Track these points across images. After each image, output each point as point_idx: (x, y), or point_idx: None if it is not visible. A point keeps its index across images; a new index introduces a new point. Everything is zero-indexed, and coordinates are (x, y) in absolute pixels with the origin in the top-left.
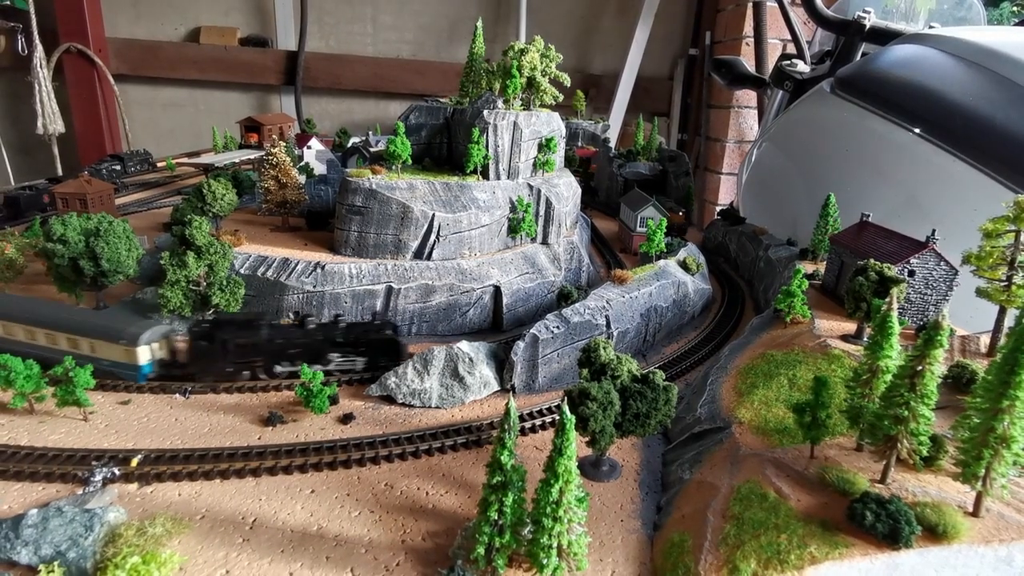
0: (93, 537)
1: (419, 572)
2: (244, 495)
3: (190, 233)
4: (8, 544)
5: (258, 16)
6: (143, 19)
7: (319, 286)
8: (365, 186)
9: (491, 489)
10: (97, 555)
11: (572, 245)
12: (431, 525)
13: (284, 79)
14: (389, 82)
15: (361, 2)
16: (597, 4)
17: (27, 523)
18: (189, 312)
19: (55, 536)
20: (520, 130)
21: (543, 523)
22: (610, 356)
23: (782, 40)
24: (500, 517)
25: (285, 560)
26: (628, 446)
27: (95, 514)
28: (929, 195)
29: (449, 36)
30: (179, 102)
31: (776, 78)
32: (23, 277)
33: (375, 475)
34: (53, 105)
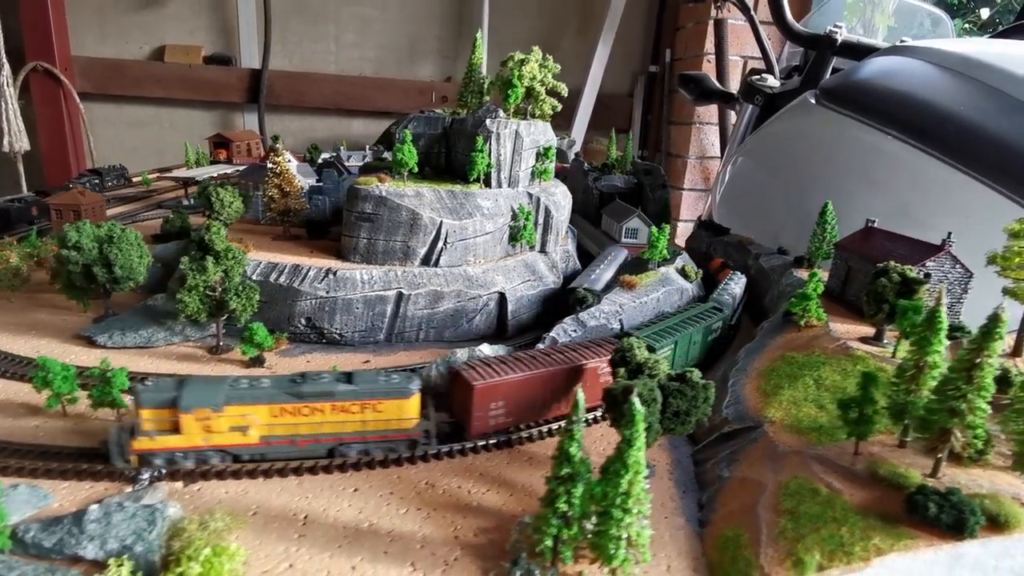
0: (157, 531)
1: (478, 567)
2: (290, 493)
3: (209, 238)
4: (73, 540)
5: (222, 35)
6: (109, 38)
7: (332, 292)
8: (375, 193)
9: (558, 481)
10: (162, 548)
11: (568, 253)
12: (480, 522)
13: (248, 97)
14: (351, 99)
15: (324, 20)
16: (557, 23)
17: (90, 518)
18: (205, 318)
19: (119, 530)
20: (521, 139)
21: (613, 515)
22: (645, 355)
23: (743, 57)
24: (569, 509)
25: (344, 555)
26: (656, 447)
27: (156, 509)
28: (921, 203)
29: (410, 54)
30: (143, 120)
31: (746, 93)
32: (26, 286)
33: (414, 474)
34: (19, 123)
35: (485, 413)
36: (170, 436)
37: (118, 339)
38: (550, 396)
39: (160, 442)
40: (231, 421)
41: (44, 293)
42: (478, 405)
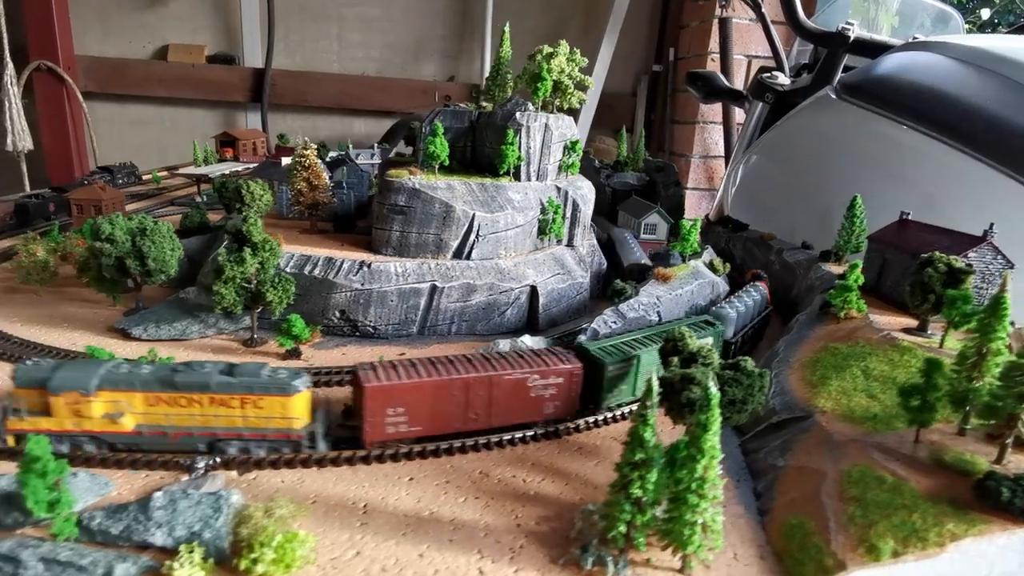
0: (223, 518)
1: (545, 554)
2: (346, 482)
3: (247, 229)
4: (141, 527)
5: (225, 34)
6: (111, 37)
7: (367, 284)
8: (408, 186)
9: (632, 467)
10: (230, 535)
11: (593, 247)
12: (540, 510)
13: (251, 96)
14: (354, 99)
15: (327, 20)
16: (560, 23)
17: (155, 506)
18: (240, 310)
19: (186, 518)
20: (551, 132)
21: (688, 500)
22: (697, 344)
23: (747, 56)
24: (643, 494)
25: (410, 542)
26: None
27: (220, 496)
28: (946, 196)
29: (413, 54)
30: (146, 119)
31: (756, 91)
32: (53, 281)
33: (467, 463)
34: (23, 122)
35: (381, 419)
36: (41, 418)
37: (153, 332)
38: (469, 407)
39: (31, 423)
40: (104, 407)
41: (71, 287)
42: (371, 409)
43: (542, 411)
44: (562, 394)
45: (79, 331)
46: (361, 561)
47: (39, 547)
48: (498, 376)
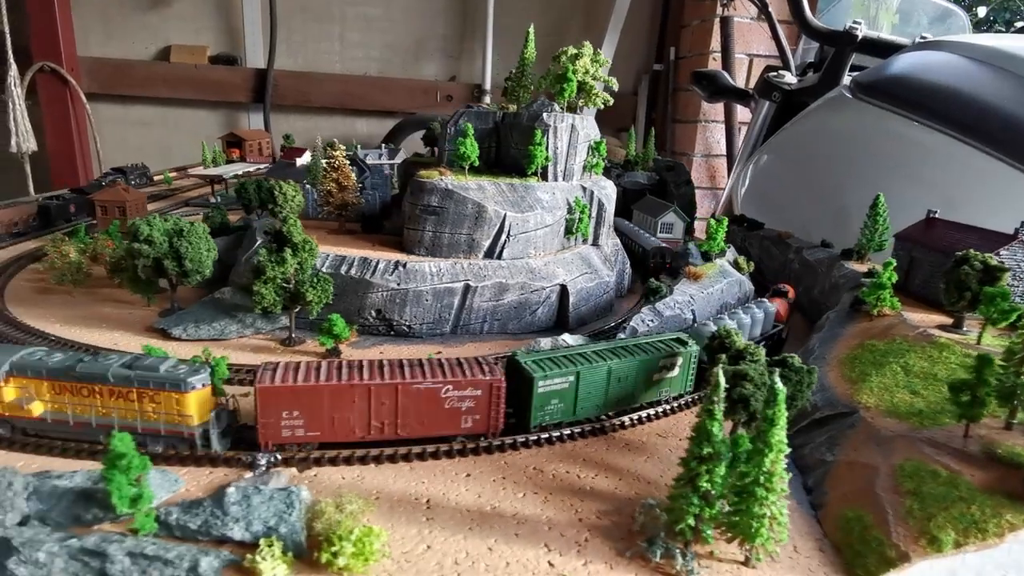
0: (296, 513)
1: (610, 547)
2: (406, 478)
3: (287, 230)
4: (219, 521)
5: (228, 34)
6: (114, 38)
7: (403, 284)
8: (441, 186)
9: (699, 461)
10: (304, 530)
11: (617, 247)
12: (598, 505)
13: (253, 97)
14: (356, 99)
15: (329, 20)
16: (561, 22)
17: (230, 501)
18: (279, 310)
19: (261, 513)
20: (577, 132)
21: (756, 493)
22: (744, 342)
23: (748, 55)
24: (711, 488)
25: (478, 536)
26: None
27: (292, 492)
28: (964, 195)
29: (415, 54)
30: (149, 120)
31: (763, 89)
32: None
33: (520, 460)
34: (27, 124)
35: (275, 421)
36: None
37: (192, 331)
38: (374, 415)
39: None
40: (15, 392)
41: (103, 288)
42: (263, 410)
43: (459, 425)
44: (481, 408)
45: (118, 331)
46: (433, 555)
47: (123, 542)
48: (406, 385)
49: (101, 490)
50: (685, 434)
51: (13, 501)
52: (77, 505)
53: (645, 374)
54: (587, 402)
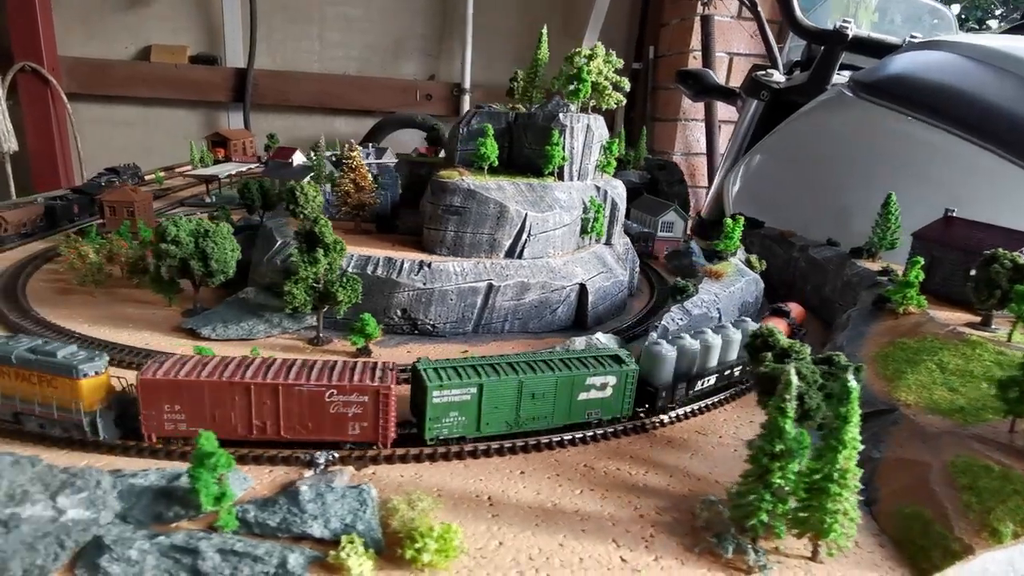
0: (370, 511)
1: (677, 542)
2: (463, 476)
3: (319, 230)
4: (297, 519)
5: (207, 34)
6: (94, 38)
7: (428, 283)
8: (464, 187)
9: (771, 458)
10: (379, 527)
11: (627, 246)
12: (655, 501)
13: (233, 96)
14: (335, 98)
15: (308, 20)
16: (539, 21)
17: (305, 499)
18: (309, 310)
19: (336, 510)
20: (592, 132)
21: (830, 490)
22: (786, 340)
23: (729, 53)
24: (785, 484)
25: (546, 532)
26: None
27: (363, 490)
28: (970, 194)
29: (394, 53)
30: (129, 120)
31: (751, 88)
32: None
33: (569, 457)
34: (8, 124)
35: (158, 413)
36: None
37: (221, 331)
38: (255, 414)
39: None
40: None
41: (120, 288)
42: (146, 402)
43: (346, 431)
44: (368, 415)
45: (146, 331)
46: (507, 551)
47: (211, 539)
48: (288, 386)
49: (179, 488)
50: (724, 431)
51: (105, 499)
52: (157, 503)
53: (567, 392)
54: (493, 417)
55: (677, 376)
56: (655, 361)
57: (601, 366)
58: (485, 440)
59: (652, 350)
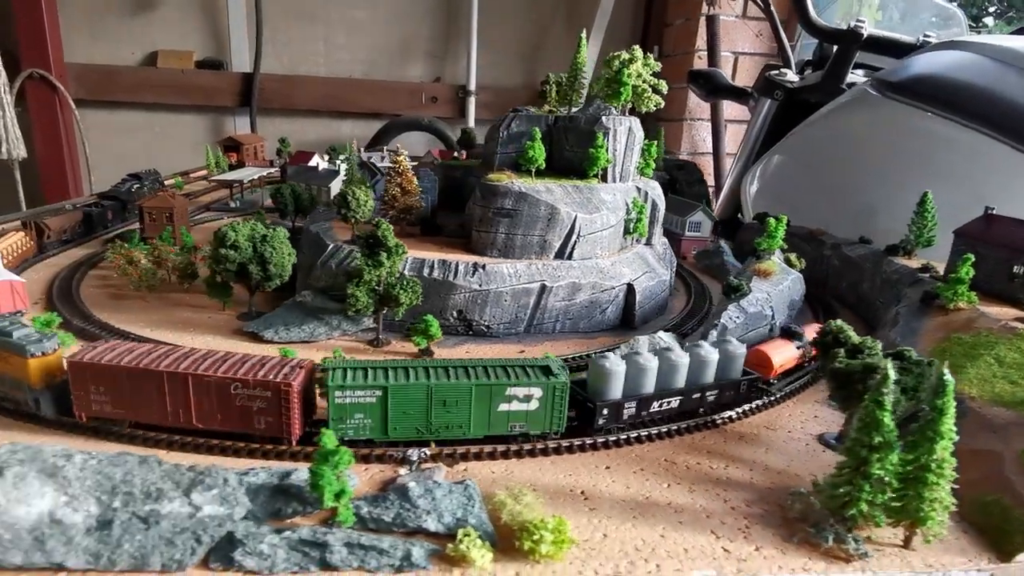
0: (478, 505)
1: (773, 533)
2: (551, 472)
3: (382, 234)
4: (412, 514)
5: (213, 39)
6: (101, 44)
7: (484, 285)
8: (515, 190)
9: (870, 449)
10: (489, 521)
11: (666, 246)
12: (743, 494)
13: (239, 100)
14: (341, 101)
15: (313, 23)
16: (544, 21)
17: (415, 495)
18: (370, 312)
19: (446, 505)
20: (634, 135)
21: (927, 479)
22: (859, 338)
23: (734, 52)
24: (885, 474)
25: (646, 524)
26: (837, 422)
27: (468, 485)
28: (995, 193)
29: (399, 55)
30: (136, 126)
31: (765, 88)
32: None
33: (649, 452)
34: (16, 131)
35: (86, 394)
36: None
37: (284, 334)
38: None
39: None
40: None
41: (171, 292)
42: (74, 382)
43: (253, 424)
44: (273, 411)
45: (208, 335)
46: (612, 542)
47: (336, 533)
48: (197, 376)
49: (293, 486)
50: (791, 426)
51: (236, 496)
52: (275, 500)
53: (485, 402)
54: (401, 423)
55: (628, 394)
56: (600, 376)
57: (526, 377)
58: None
59: (598, 364)
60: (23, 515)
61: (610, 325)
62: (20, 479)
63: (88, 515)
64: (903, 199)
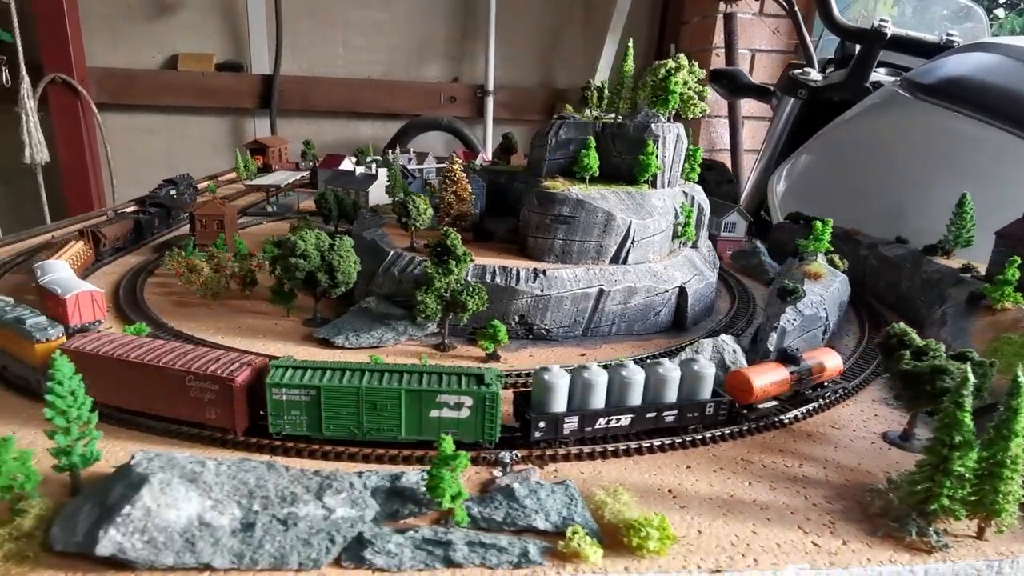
0: (580, 504)
1: (857, 528)
2: (636, 471)
3: (451, 243)
4: (520, 514)
5: (233, 41)
6: (122, 48)
7: (545, 290)
8: (573, 197)
9: (951, 448)
10: (593, 519)
11: (710, 249)
12: (822, 491)
13: (259, 102)
14: (360, 102)
15: (332, 25)
16: (561, 21)
17: (521, 494)
18: (438, 317)
19: (552, 504)
20: (682, 141)
21: (1003, 474)
22: (919, 339)
23: (751, 50)
24: (965, 471)
25: (736, 521)
26: (898, 420)
27: (568, 485)
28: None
29: (418, 56)
30: (156, 129)
31: (788, 87)
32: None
33: (725, 451)
34: (39, 135)
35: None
36: None
37: (354, 340)
38: (135, 390)
39: None
40: None
41: (231, 300)
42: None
43: (205, 414)
44: (222, 403)
45: (279, 341)
46: (708, 538)
47: (456, 532)
48: (159, 368)
49: (406, 488)
50: (855, 425)
51: (364, 499)
52: (392, 501)
53: (416, 407)
54: (335, 422)
55: (575, 409)
56: (541, 389)
57: (457, 384)
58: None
59: (539, 377)
60: (174, 519)
61: (663, 327)
62: (166, 484)
63: (233, 518)
64: (931, 199)
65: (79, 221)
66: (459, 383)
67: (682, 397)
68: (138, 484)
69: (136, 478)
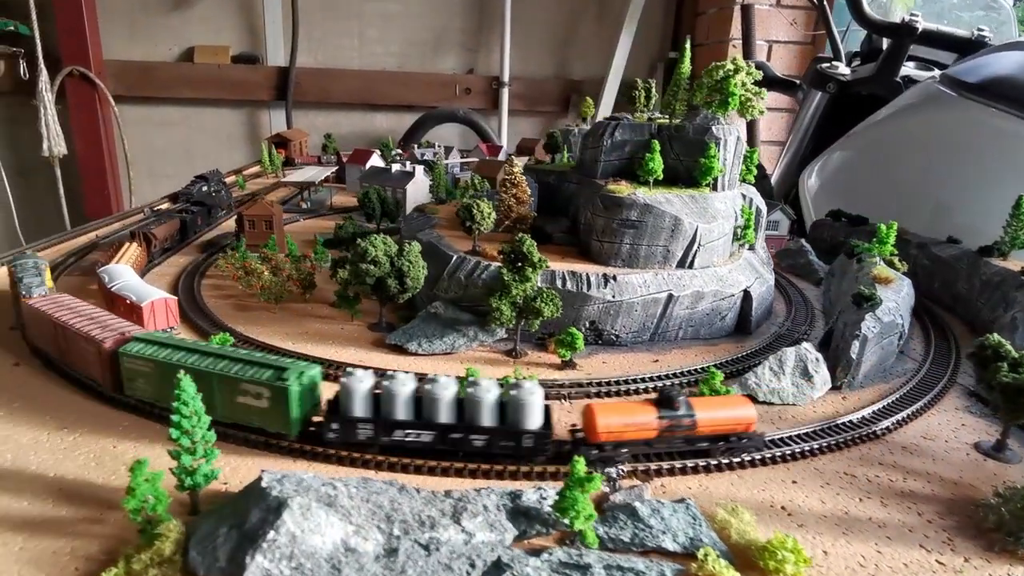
0: (705, 524)
1: (971, 543)
2: (743, 486)
3: (527, 249)
4: (647, 534)
5: (249, 34)
6: (138, 41)
7: (617, 296)
8: (640, 201)
9: None
10: (720, 539)
11: (766, 250)
12: (932, 506)
13: (275, 94)
14: (376, 94)
15: (347, 17)
16: (576, 12)
17: (645, 514)
18: (512, 324)
19: (676, 524)
20: (741, 144)
21: None
22: (1015, 352)
23: (768, 41)
24: None
25: (858, 540)
26: (986, 430)
27: (688, 504)
28: None
29: (433, 48)
30: (172, 121)
31: (817, 80)
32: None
33: (825, 465)
34: (57, 128)
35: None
36: None
37: (427, 346)
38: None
39: None
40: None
41: (294, 303)
42: (26, 316)
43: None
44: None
45: (351, 347)
46: (836, 558)
47: (590, 555)
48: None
49: (531, 508)
50: (946, 435)
51: (501, 521)
52: (518, 521)
53: (227, 392)
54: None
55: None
56: (344, 392)
57: (257, 374)
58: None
59: (342, 381)
60: (319, 544)
61: (728, 331)
62: (306, 509)
63: (376, 543)
64: (980, 198)
65: (117, 220)
66: (261, 373)
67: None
68: (277, 508)
69: (273, 502)
